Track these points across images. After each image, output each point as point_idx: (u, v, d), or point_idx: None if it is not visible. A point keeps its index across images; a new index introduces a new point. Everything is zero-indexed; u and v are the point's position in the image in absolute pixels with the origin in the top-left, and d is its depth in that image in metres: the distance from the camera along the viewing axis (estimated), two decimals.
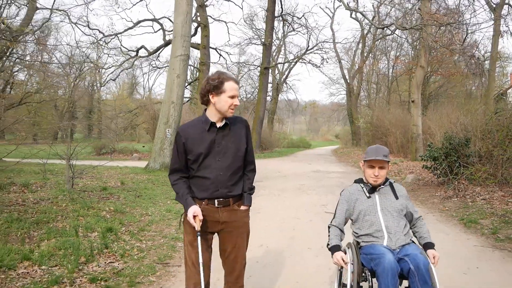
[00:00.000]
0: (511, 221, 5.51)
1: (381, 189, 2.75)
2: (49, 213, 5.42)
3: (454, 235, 5.22)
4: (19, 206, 5.83)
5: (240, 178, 2.48)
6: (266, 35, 24.51)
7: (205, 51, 25.02)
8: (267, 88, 26.95)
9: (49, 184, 8.34)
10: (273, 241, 4.97)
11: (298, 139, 41.76)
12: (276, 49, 34.51)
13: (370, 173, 2.71)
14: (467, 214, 6.19)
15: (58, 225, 4.90)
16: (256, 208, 7.17)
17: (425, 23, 12.36)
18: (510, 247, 4.55)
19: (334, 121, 64.05)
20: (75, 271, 3.51)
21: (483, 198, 7.00)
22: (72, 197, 6.57)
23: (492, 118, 7.89)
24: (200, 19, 23.67)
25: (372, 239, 2.61)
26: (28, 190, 7.60)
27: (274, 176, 12.24)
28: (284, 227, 5.76)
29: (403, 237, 2.60)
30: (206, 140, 2.39)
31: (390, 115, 20.97)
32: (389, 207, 2.69)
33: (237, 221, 2.46)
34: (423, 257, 2.41)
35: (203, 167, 2.39)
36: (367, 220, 2.67)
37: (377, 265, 2.40)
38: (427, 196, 8.21)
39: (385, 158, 2.67)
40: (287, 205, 7.50)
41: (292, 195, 8.70)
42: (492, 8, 19.06)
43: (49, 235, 4.44)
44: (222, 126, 2.42)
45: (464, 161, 8.16)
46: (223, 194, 2.40)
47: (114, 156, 21.08)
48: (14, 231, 4.52)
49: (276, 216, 6.49)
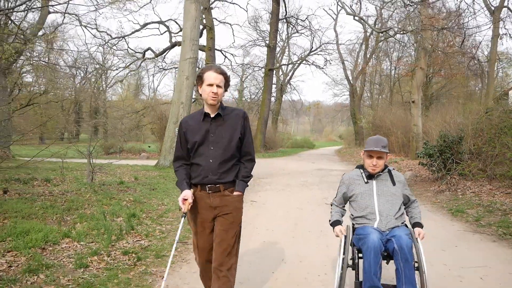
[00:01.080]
0: (494, 210, 6.06)
1: (379, 176, 2.91)
2: (77, 202, 6.05)
3: (441, 222, 5.78)
4: (49, 196, 6.47)
5: (233, 167, 2.60)
6: (270, 37, 25.09)
7: (211, 53, 25.65)
8: (271, 89, 27.52)
9: (68, 179, 8.99)
10: (278, 226, 5.55)
11: (302, 140, 42.25)
12: (280, 51, 35.06)
13: (369, 163, 2.87)
14: (456, 205, 6.75)
15: (86, 212, 5.52)
16: (263, 201, 7.77)
17: (422, 27, 12.88)
18: (489, 232, 5.11)
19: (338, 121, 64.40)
20: (109, 246, 4.12)
21: (472, 191, 7.54)
22: (94, 189, 7.20)
23: (482, 117, 8.42)
24: (206, 22, 24.25)
25: (365, 221, 2.82)
26: (51, 184, 8.25)
27: (278, 174, 12.81)
28: (288, 215, 6.34)
29: (394, 220, 2.78)
30: (202, 129, 2.56)
31: (392, 115, 21.46)
32: (385, 192, 2.85)
33: (228, 206, 2.57)
34: (407, 238, 2.59)
35: (197, 155, 2.57)
36: (362, 203, 2.86)
37: (363, 244, 2.62)
38: (422, 190, 8.76)
39: (383, 149, 2.82)
40: (291, 199, 8.07)
41: (296, 190, 9.26)
42: (491, 11, 19.52)
43: (81, 219, 5.06)
44: (216, 117, 2.58)
45: (457, 158, 8.70)
46: (212, 180, 2.54)
47: (123, 155, 21.72)
48: (50, 215, 5.15)
49: (281, 207, 7.07)
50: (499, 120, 7.92)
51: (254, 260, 4.03)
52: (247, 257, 4.11)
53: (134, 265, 3.69)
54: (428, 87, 27.38)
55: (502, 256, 4.13)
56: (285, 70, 38.10)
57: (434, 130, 11.07)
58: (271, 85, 27.12)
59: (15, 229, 4.24)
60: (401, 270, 2.51)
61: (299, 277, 3.55)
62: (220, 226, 2.57)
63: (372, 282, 2.48)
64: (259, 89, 36.45)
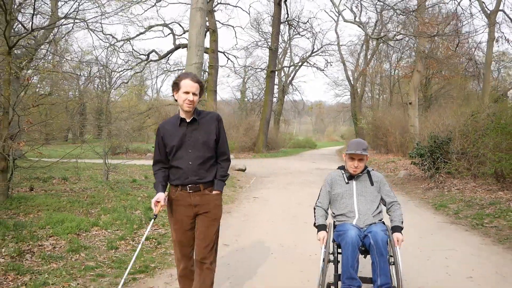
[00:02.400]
0: (473, 205, 6.71)
1: (359, 177, 3.08)
2: (97, 198, 6.76)
3: (424, 215, 6.44)
4: (72, 193, 7.18)
5: (211, 167, 2.74)
6: (272, 40, 25.73)
7: (214, 55, 26.37)
8: (273, 91, 28.15)
9: (83, 178, 9.70)
10: (279, 218, 6.23)
11: (303, 140, 42.84)
12: (282, 52, 35.68)
13: (350, 165, 3.03)
14: (441, 201, 7.40)
15: (107, 206, 6.22)
16: (265, 197, 8.45)
17: (415, 34, 13.52)
18: (464, 223, 5.77)
19: (340, 121, 64.89)
20: (132, 233, 4.81)
21: (457, 188, 8.19)
22: (110, 187, 7.91)
23: (468, 120, 9.06)
24: (209, 25, 24.87)
25: (345, 219, 3.01)
26: (69, 182, 8.96)
27: (280, 173, 13.48)
28: (288, 210, 7.01)
29: (371, 218, 2.96)
30: (178, 134, 2.68)
31: (390, 116, 22.05)
32: (364, 192, 3.03)
33: (208, 204, 2.71)
34: (382, 234, 2.77)
35: (176, 158, 2.68)
36: (343, 202, 3.03)
37: (342, 239, 2.79)
38: (413, 188, 9.41)
39: (364, 152, 2.97)
40: (292, 196, 8.74)
41: (297, 188, 9.93)
42: (487, 14, 20.11)
43: (104, 211, 5.76)
44: (191, 121, 2.70)
45: (446, 158, 9.34)
46: (193, 181, 2.67)
47: (129, 155, 22.37)
48: (76, 209, 5.85)
49: (281, 203, 7.75)
50: (483, 123, 8.55)
51: (257, 245, 4.71)
52: (251, 242, 4.80)
53: (155, 248, 4.38)
54: (427, 89, 27.96)
55: (469, 242, 4.79)
56: (287, 71, 38.74)
57: (425, 131, 11.72)
58: (273, 86, 27.74)
59: (51, 219, 4.93)
60: (376, 263, 2.69)
61: (293, 257, 4.23)
62: (202, 223, 2.71)
63: (349, 274, 2.67)
64: (261, 90, 37.01)
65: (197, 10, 13.14)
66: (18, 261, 3.65)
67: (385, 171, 13.95)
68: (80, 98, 38.07)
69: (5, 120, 5.79)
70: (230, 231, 5.32)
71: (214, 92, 26.36)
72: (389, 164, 16.25)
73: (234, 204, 7.52)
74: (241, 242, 4.87)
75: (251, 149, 24.98)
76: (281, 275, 3.72)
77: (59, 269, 3.54)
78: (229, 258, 4.19)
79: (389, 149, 21.31)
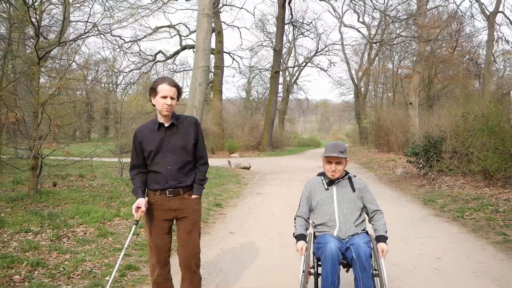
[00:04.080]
0: (459, 200, 7.30)
1: (339, 182, 2.92)
2: (115, 192, 7.46)
3: (412, 209, 7.05)
4: (91, 188, 7.88)
5: (190, 171, 2.74)
6: (276, 41, 26.32)
7: (219, 55, 27.04)
8: (277, 90, 28.78)
9: (98, 175, 10.41)
10: (279, 210, 6.88)
11: (308, 138, 43.43)
12: (286, 52, 36.24)
13: (328, 168, 2.89)
14: (430, 196, 8.00)
15: (125, 199, 6.91)
16: (267, 193, 9.11)
17: (413, 36, 14.07)
18: (447, 215, 6.37)
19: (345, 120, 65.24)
20: None
21: (447, 185, 8.78)
22: (126, 183, 8.60)
23: (459, 121, 9.63)
24: (215, 26, 25.46)
25: (325, 229, 2.84)
26: (86, 179, 9.67)
27: (283, 171, 14.12)
28: (289, 203, 7.64)
29: (354, 228, 2.79)
30: (156, 139, 2.66)
31: (392, 116, 22.57)
32: (345, 199, 2.86)
33: (188, 208, 2.71)
34: (365, 246, 2.59)
35: (154, 163, 2.67)
36: (323, 210, 2.87)
37: (321, 253, 2.62)
38: (407, 185, 10.00)
39: (341, 154, 2.82)
40: (293, 191, 9.36)
41: (298, 184, 10.55)
42: (486, 16, 20.55)
43: (123, 204, 6.45)
44: (170, 125, 2.69)
45: (439, 156, 9.92)
46: (172, 185, 2.67)
47: None
48: (98, 202, 6.55)
49: (283, 197, 8.39)
50: (472, 124, 9.11)
51: (259, 232, 5.36)
52: (254, 230, 5.46)
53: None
54: (430, 88, 28.38)
55: (448, 231, 5.41)
56: (291, 71, 39.29)
57: (422, 130, 12.28)
58: (277, 86, 28.35)
59: (79, 210, 5.63)
60: (359, 279, 2.53)
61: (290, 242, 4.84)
62: (183, 229, 2.72)
63: None
64: (265, 89, 37.59)
65: (204, 16, 13.83)
66: (57, 243, 4.34)
67: (384, 169, 14.55)
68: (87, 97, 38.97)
69: (35, 122, 6.49)
70: (235, 221, 5.99)
71: (219, 92, 27.04)
72: (389, 162, 16.81)
73: (239, 199, 8.18)
74: (245, 230, 5.53)
75: (255, 147, 25.63)
76: (277, 255, 4.36)
77: (92, 249, 4.23)
78: (234, 243, 4.85)
79: (390, 148, 21.82)
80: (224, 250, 4.57)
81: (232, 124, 26.01)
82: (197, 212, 2.78)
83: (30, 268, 3.56)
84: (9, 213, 5.47)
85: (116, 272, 3.54)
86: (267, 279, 3.67)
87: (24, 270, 3.52)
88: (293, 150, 29.22)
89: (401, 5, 20.69)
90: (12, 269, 3.52)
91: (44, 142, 6.23)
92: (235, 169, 13.97)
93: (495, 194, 7.36)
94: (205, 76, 14.32)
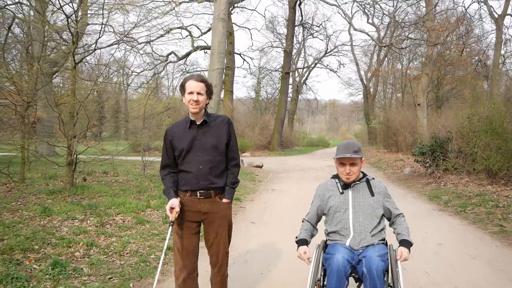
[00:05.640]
0: (462, 196, 7.78)
1: (356, 185, 2.66)
2: (141, 187, 8.07)
3: (418, 204, 7.55)
4: (119, 183, 8.51)
5: (222, 172, 2.65)
6: (287, 43, 26.87)
7: (231, 56, 27.68)
8: (287, 91, 29.31)
9: (120, 172, 11.05)
10: (292, 205, 7.43)
11: (317, 138, 43.84)
12: (296, 53, 36.74)
13: (341, 171, 2.64)
14: (435, 193, 8.48)
15: (152, 193, 7.52)
16: (281, 189, 9.66)
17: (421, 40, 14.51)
18: (450, 210, 6.87)
19: (354, 120, 65.42)
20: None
21: (452, 183, 9.25)
22: (149, 179, 9.23)
23: (464, 122, 10.08)
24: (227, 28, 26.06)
25: (338, 237, 2.60)
26: (110, 175, 10.32)
27: (294, 169, 14.67)
28: (301, 199, 8.18)
29: (369, 238, 2.52)
30: (188, 137, 2.60)
31: (400, 116, 22.96)
32: (362, 204, 2.60)
33: (219, 212, 2.63)
34: (378, 260, 2.32)
35: (185, 162, 2.60)
36: (337, 216, 2.62)
37: (328, 265, 2.39)
38: (414, 183, 10.48)
39: (355, 154, 2.57)
40: (304, 188, 9.91)
41: (309, 182, 11.09)
42: (495, 19, 20.85)
43: (152, 197, 7.06)
44: (202, 124, 2.63)
45: (445, 156, 10.37)
46: (204, 186, 2.58)
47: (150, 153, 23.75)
48: (128, 195, 7.16)
49: (295, 194, 8.94)
50: (476, 125, 9.56)
51: (277, 222, 5.93)
52: (271, 221, 6.02)
53: None
54: (439, 89, 28.66)
55: (450, 223, 5.91)
56: (301, 72, 39.76)
57: (429, 131, 12.73)
58: (288, 87, 28.89)
59: (114, 202, 6.24)
60: None
61: None
62: (213, 233, 2.65)
63: None
64: (275, 89, 38.09)
65: (219, 20, 14.44)
66: (101, 229, 4.94)
67: (392, 168, 15.00)
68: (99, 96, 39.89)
69: (71, 122, 7.13)
70: (254, 214, 6.57)
71: (230, 93, 27.67)
72: (398, 162, 17.25)
73: (255, 195, 8.76)
74: (264, 221, 6.11)
75: (266, 147, 26.21)
76: (289, 245, 4.90)
77: (133, 234, 4.84)
78: (256, 231, 5.43)
79: (399, 148, 22.21)
80: (248, 237, 5.14)
81: (243, 124, 26.59)
82: (227, 218, 2.70)
83: (86, 248, 4.17)
84: (52, 204, 6.10)
85: (159, 252, 4.15)
86: (288, 260, 4.23)
87: (81, 249, 4.13)
88: (302, 150, 29.72)
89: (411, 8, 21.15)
90: (71, 248, 4.13)
91: (82, 140, 6.83)
92: (248, 167, 14.54)
93: (497, 191, 7.82)
94: (220, 78, 14.91)
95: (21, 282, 3.17)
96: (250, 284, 3.58)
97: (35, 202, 6.15)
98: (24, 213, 5.41)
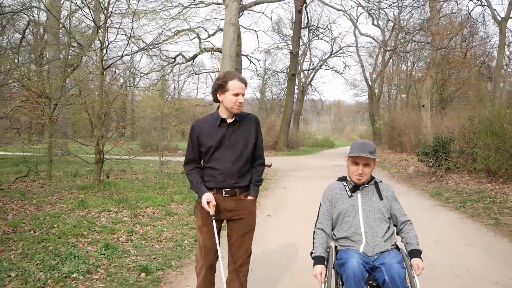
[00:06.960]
0: (463, 193, 8.29)
1: (364, 188, 2.61)
2: (162, 184, 8.66)
3: (421, 201, 8.07)
4: (141, 180, 9.11)
5: (247, 171, 2.66)
6: (293, 45, 27.38)
7: (238, 58, 28.15)
8: (294, 92, 29.83)
9: (138, 171, 11.66)
10: (305, 200, 7.98)
11: (322, 139, 44.30)
12: (301, 54, 37.25)
13: (354, 170, 2.59)
14: (437, 191, 9.00)
15: (173, 189, 8.10)
16: (291, 186, 10.22)
17: (423, 46, 15.00)
18: (450, 206, 7.39)
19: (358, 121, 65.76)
20: None
21: (454, 181, 9.76)
22: (168, 177, 9.82)
23: (466, 123, 10.58)
24: None
25: (349, 243, 2.50)
26: (128, 173, 10.93)
27: (302, 168, 15.21)
28: (311, 195, 8.73)
29: (382, 243, 2.45)
30: (217, 134, 2.57)
31: (405, 117, 23.43)
32: (372, 208, 2.54)
33: (244, 210, 2.64)
34: (399, 267, 2.26)
35: (213, 159, 2.58)
36: (346, 221, 2.54)
37: (343, 271, 2.31)
38: (417, 181, 11.00)
39: (370, 155, 2.51)
40: (312, 185, 10.46)
41: (316, 180, 11.63)
42: (498, 22, 21.26)
43: (173, 193, 7.64)
44: (232, 122, 2.59)
45: (448, 155, 10.88)
46: (230, 184, 2.58)
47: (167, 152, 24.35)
48: (152, 191, 7.75)
49: (305, 190, 9.49)
50: (477, 126, 10.06)
51: (291, 215, 6.49)
52: (285, 215, 6.58)
53: None
54: (443, 90, 29.08)
55: (450, 217, 6.44)
56: (306, 73, 40.26)
57: (433, 132, 13.23)
58: (294, 88, 29.39)
59: (141, 196, 6.84)
60: None
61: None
62: (237, 231, 2.66)
63: None
64: (280, 90, 38.63)
65: (230, 25, 15.04)
66: (135, 219, 5.53)
67: (397, 168, 15.50)
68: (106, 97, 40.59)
69: (99, 123, 7.73)
70: (269, 208, 7.13)
71: None
72: (402, 162, 17.74)
73: (267, 191, 9.32)
74: (279, 214, 6.67)
75: (272, 147, 26.75)
76: (304, 233, 5.46)
77: (165, 224, 5.42)
78: (273, 223, 5.99)
79: (403, 149, 22.68)
80: (266, 227, 5.70)
81: None
82: (252, 215, 2.70)
83: (127, 234, 4.75)
84: (86, 198, 6.70)
85: (191, 239, 4.73)
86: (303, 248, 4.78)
87: (123, 235, 4.72)
88: (308, 150, 30.24)
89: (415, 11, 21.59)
90: (114, 234, 4.72)
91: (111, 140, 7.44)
92: None
93: (495, 188, 8.33)
94: None
95: (82, 259, 3.76)
96: (273, 264, 4.14)
97: (69, 197, 6.77)
98: (63, 206, 6.02)
